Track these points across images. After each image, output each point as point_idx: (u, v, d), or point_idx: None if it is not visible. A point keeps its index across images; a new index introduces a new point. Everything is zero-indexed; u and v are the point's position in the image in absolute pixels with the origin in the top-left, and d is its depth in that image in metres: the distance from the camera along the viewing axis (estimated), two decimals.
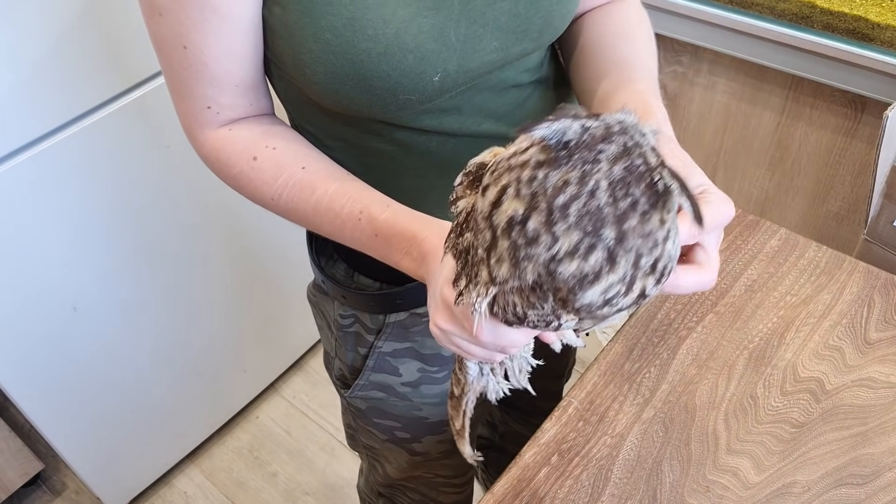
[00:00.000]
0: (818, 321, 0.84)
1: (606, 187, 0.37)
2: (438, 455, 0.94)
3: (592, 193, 0.37)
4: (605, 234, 0.37)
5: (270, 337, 1.79)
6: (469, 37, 0.60)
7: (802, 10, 1.36)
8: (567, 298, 0.39)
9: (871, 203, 1.16)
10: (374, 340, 0.80)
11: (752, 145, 1.68)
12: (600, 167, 0.37)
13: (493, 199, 0.40)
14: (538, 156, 0.38)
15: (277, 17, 0.58)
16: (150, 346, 1.50)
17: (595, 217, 0.37)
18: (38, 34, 1.09)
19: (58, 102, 1.16)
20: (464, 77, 0.62)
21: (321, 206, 0.64)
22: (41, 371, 1.33)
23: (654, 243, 0.38)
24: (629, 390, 0.80)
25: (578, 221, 0.37)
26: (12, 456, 1.54)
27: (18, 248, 1.20)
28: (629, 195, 0.37)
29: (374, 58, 0.57)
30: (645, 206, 0.37)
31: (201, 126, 0.65)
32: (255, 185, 0.65)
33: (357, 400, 0.87)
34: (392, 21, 0.57)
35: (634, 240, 0.38)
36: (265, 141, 0.65)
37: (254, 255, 1.62)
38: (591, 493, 0.72)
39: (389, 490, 1.03)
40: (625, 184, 0.37)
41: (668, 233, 0.39)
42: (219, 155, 0.66)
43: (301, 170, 0.64)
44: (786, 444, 0.74)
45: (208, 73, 0.61)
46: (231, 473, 1.73)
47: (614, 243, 0.37)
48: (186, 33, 0.58)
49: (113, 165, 1.28)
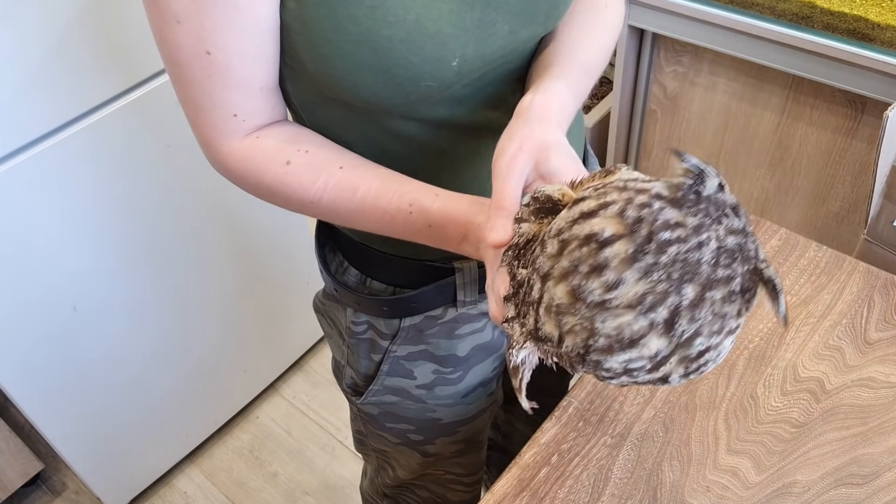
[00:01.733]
0: (818, 321, 0.84)
1: (714, 249, 0.35)
2: (451, 455, 0.93)
3: (699, 246, 0.34)
4: (685, 290, 0.34)
5: (270, 337, 1.79)
6: (483, 21, 0.60)
7: (803, 10, 1.37)
8: (591, 351, 0.37)
9: (871, 203, 1.16)
10: (389, 345, 0.79)
11: (752, 145, 1.68)
12: (720, 229, 0.35)
13: (588, 209, 0.37)
14: (662, 190, 0.36)
15: (292, 13, 0.57)
16: (150, 346, 1.50)
17: (687, 269, 0.34)
18: (38, 34, 1.09)
19: (57, 103, 1.16)
20: (479, 62, 0.62)
21: (366, 204, 0.63)
22: (41, 371, 1.33)
23: (720, 329, 0.36)
24: (629, 390, 0.80)
25: (668, 265, 0.34)
26: (12, 456, 1.54)
27: (19, 248, 1.20)
28: (730, 268, 0.35)
29: (397, 45, 0.57)
30: (738, 287, 0.35)
31: (227, 137, 0.63)
32: (293, 189, 0.64)
33: (369, 406, 0.86)
34: (412, 7, 0.56)
35: (707, 313, 0.35)
36: (296, 145, 0.64)
37: (254, 255, 1.62)
38: (591, 493, 0.72)
39: (396, 491, 1.03)
40: (732, 256, 0.35)
41: (735, 329, 0.37)
42: (247, 164, 0.64)
43: (339, 170, 0.64)
44: (786, 444, 0.74)
45: (234, 77, 0.59)
46: (231, 473, 1.73)
47: (687, 306, 0.35)
48: (209, 37, 0.57)
49: (113, 165, 1.28)
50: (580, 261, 0.36)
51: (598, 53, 0.69)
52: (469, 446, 0.94)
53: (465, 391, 0.85)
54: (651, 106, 1.80)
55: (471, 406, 0.88)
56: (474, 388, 0.86)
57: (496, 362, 0.86)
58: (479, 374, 0.85)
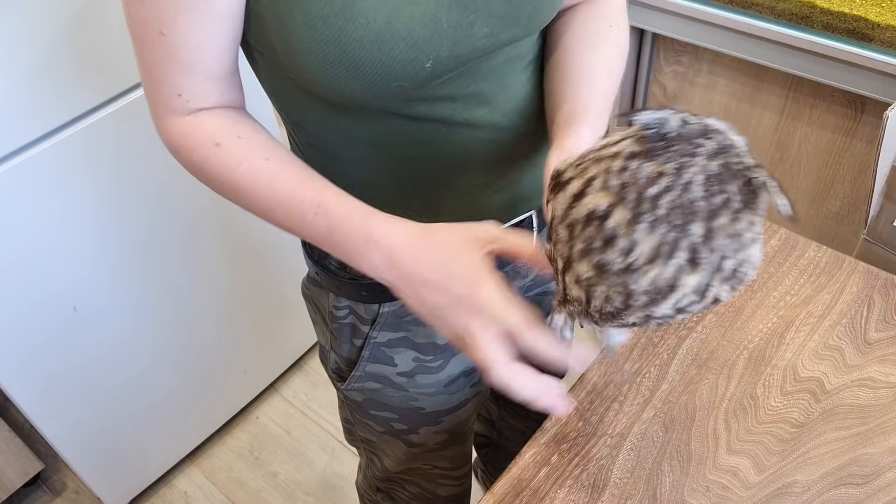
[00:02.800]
0: (818, 321, 0.84)
1: (702, 181, 0.35)
2: (436, 446, 0.94)
3: (687, 186, 0.35)
4: (692, 230, 0.35)
5: (270, 337, 1.79)
6: (460, 23, 0.60)
7: (802, 9, 1.37)
8: (637, 309, 0.38)
9: (871, 203, 1.16)
10: (369, 331, 0.81)
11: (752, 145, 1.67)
12: (697, 160, 0.36)
13: (576, 191, 0.38)
14: (632, 147, 0.37)
15: (266, 6, 0.58)
16: (150, 346, 1.50)
17: (686, 211, 0.35)
18: (33, 38, 1.09)
19: (56, 103, 1.16)
20: (455, 63, 0.62)
21: (280, 197, 0.63)
22: (41, 371, 1.33)
23: (741, 245, 0.37)
24: (629, 390, 0.80)
25: (668, 215, 0.35)
26: (12, 456, 1.54)
27: (19, 250, 1.21)
28: (724, 192, 0.35)
29: (366, 45, 0.57)
30: (738, 205, 0.36)
31: (170, 113, 0.65)
32: (217, 170, 0.65)
33: (353, 392, 0.88)
34: (383, 8, 0.57)
35: (722, 239, 0.36)
36: (232, 130, 0.65)
37: (254, 255, 1.62)
38: (591, 493, 0.72)
39: (387, 484, 1.04)
40: (720, 180, 0.36)
41: (756, 236, 0.37)
42: (183, 141, 0.65)
43: (264, 160, 0.64)
44: (786, 444, 0.74)
45: (182, 61, 0.61)
46: (231, 473, 1.73)
47: (701, 241, 0.36)
48: (164, 19, 0.58)
49: (112, 166, 1.28)
50: (591, 238, 0.38)
51: (613, 80, 0.69)
52: (453, 437, 0.94)
53: (447, 380, 0.86)
54: (651, 106, 1.80)
55: (454, 396, 0.88)
56: (456, 377, 0.86)
57: None
58: (460, 363, 0.85)
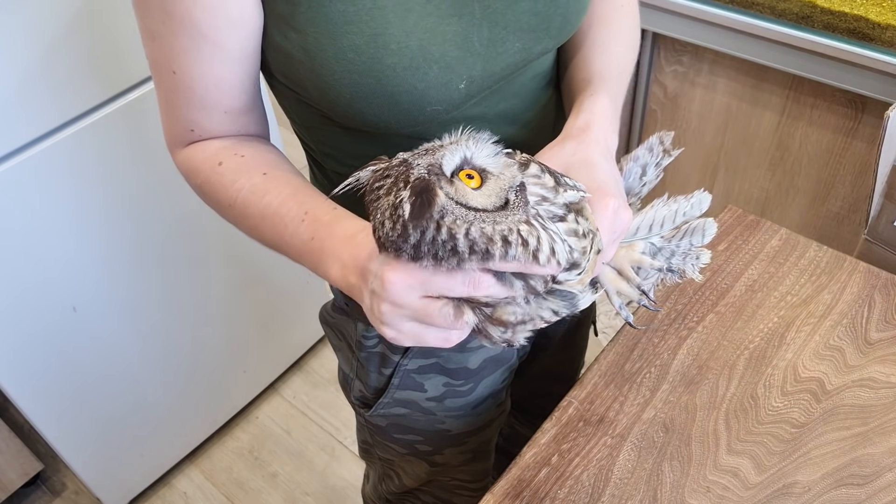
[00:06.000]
0: (819, 321, 0.84)
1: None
2: (459, 464, 0.93)
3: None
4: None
5: (270, 337, 1.79)
6: (492, 40, 0.60)
7: (803, 9, 1.36)
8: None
9: (871, 203, 1.16)
10: (400, 359, 0.79)
11: (752, 145, 1.68)
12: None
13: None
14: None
15: (294, 42, 0.57)
16: (150, 347, 1.50)
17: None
18: (31, 39, 1.09)
19: (56, 103, 1.16)
20: (489, 81, 0.61)
21: (269, 211, 0.60)
22: (41, 371, 1.33)
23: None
24: (629, 390, 0.79)
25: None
26: (12, 456, 1.54)
27: (18, 249, 1.20)
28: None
29: (400, 72, 0.56)
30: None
31: (182, 146, 0.66)
32: (216, 189, 0.63)
33: (377, 418, 0.86)
34: (415, 33, 0.56)
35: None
36: (235, 149, 0.64)
37: (254, 256, 1.62)
38: (591, 493, 0.71)
39: (399, 497, 1.02)
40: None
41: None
42: (190, 163, 0.65)
43: (262, 175, 0.62)
44: (786, 445, 0.74)
45: (196, 100, 0.61)
46: (231, 474, 1.73)
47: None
48: (176, 59, 0.58)
49: (112, 167, 1.28)
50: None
51: (630, 52, 0.70)
52: (477, 455, 0.93)
53: (476, 402, 0.85)
54: (651, 106, 1.80)
55: (480, 417, 0.87)
56: (484, 399, 0.85)
57: (506, 374, 0.86)
58: (489, 385, 0.84)
